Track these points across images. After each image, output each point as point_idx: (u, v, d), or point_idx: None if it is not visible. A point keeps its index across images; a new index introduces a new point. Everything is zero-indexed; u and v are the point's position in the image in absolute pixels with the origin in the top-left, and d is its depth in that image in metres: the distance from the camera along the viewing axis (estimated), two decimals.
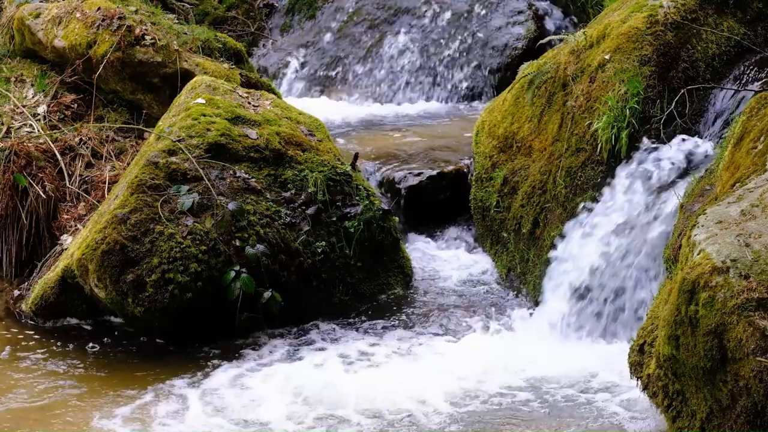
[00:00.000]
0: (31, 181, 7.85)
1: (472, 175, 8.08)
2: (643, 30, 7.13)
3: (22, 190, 7.85)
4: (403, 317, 7.22)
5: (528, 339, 6.81)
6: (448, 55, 10.81)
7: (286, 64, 11.26)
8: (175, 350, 6.87)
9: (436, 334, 6.94)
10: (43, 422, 5.99)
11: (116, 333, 7.09)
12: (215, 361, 6.68)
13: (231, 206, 6.97)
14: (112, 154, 8.13)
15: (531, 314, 7.08)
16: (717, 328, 4.85)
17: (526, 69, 7.87)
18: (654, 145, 6.88)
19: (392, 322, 7.15)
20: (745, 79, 6.89)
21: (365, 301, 7.39)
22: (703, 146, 6.79)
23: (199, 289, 6.80)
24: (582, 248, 6.90)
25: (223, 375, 6.50)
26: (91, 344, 6.96)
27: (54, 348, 6.93)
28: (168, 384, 6.41)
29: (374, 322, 7.17)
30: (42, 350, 6.90)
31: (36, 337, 7.08)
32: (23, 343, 7.00)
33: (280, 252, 7.09)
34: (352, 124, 9.91)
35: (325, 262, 7.27)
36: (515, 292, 7.44)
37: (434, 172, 8.37)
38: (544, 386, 6.24)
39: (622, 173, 6.91)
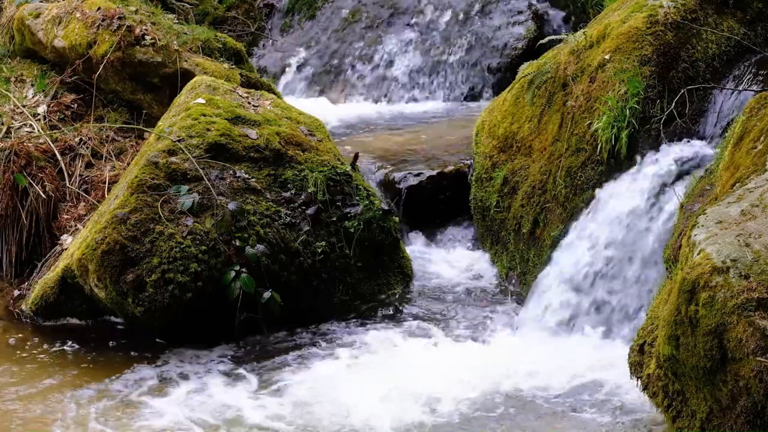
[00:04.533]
0: (31, 181, 7.85)
1: (472, 175, 8.08)
2: (643, 30, 7.13)
3: (22, 190, 7.85)
4: (403, 317, 7.22)
5: (527, 338, 6.81)
6: (448, 55, 10.81)
7: (286, 64, 11.25)
8: (156, 351, 6.88)
9: (436, 335, 6.94)
10: None
11: (114, 333, 7.09)
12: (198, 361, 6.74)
13: (231, 206, 6.97)
14: (112, 154, 8.13)
15: (530, 313, 7.08)
16: (717, 328, 4.86)
17: (526, 69, 7.87)
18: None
19: (392, 323, 7.15)
20: (745, 79, 6.89)
21: (365, 301, 7.39)
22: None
23: (199, 289, 6.79)
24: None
25: (197, 375, 6.56)
26: (70, 343, 6.96)
27: (48, 348, 6.93)
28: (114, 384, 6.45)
29: (374, 322, 7.16)
30: (36, 349, 6.90)
31: (34, 336, 7.08)
32: (19, 343, 7.00)
33: (280, 252, 7.09)
34: (352, 124, 9.91)
35: (325, 262, 7.27)
36: (515, 293, 7.44)
37: (434, 172, 8.36)
38: (543, 385, 6.24)
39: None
